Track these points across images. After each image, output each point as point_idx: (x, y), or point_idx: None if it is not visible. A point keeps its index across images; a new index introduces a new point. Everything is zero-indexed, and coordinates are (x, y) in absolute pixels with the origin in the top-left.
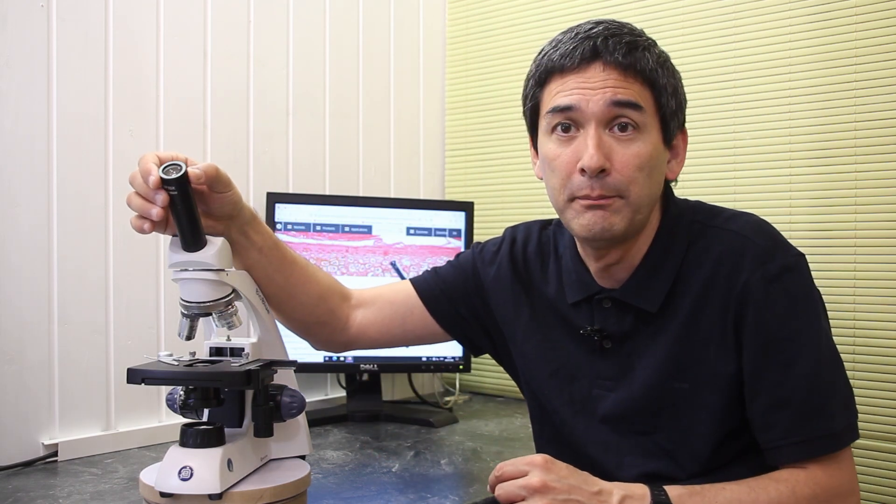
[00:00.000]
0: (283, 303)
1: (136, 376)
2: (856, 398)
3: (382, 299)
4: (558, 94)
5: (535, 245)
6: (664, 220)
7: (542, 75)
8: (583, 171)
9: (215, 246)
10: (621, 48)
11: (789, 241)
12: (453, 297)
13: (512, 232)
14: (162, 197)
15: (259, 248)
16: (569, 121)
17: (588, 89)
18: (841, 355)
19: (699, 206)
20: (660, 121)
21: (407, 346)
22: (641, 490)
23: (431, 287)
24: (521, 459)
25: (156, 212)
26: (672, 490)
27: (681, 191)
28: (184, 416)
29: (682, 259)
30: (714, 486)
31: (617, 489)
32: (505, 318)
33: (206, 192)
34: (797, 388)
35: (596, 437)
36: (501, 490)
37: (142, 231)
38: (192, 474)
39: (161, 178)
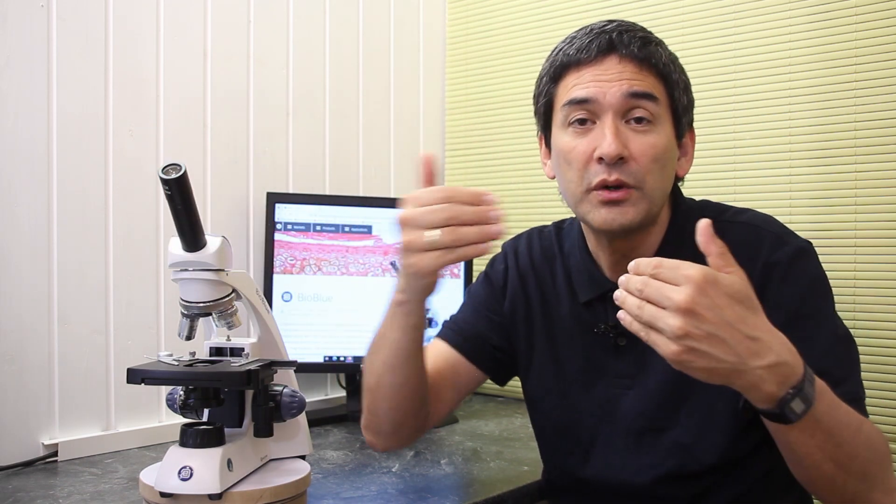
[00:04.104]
0: (405, 390)
1: (136, 376)
2: None
3: (434, 376)
4: (575, 86)
5: (539, 250)
6: (674, 216)
7: (558, 70)
8: (600, 159)
9: (215, 246)
10: (636, 42)
11: None
12: (484, 334)
13: (513, 244)
14: (497, 213)
15: (417, 327)
16: (585, 112)
17: (605, 81)
18: None
19: (707, 203)
20: (672, 115)
21: (462, 400)
22: (795, 360)
23: (464, 335)
24: (684, 266)
25: (497, 229)
26: (817, 379)
27: (681, 190)
28: (184, 416)
29: (694, 253)
30: (835, 397)
31: (776, 346)
32: (523, 339)
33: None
34: (819, 360)
35: (616, 444)
36: (647, 287)
37: (486, 252)
38: (191, 474)
39: (160, 178)
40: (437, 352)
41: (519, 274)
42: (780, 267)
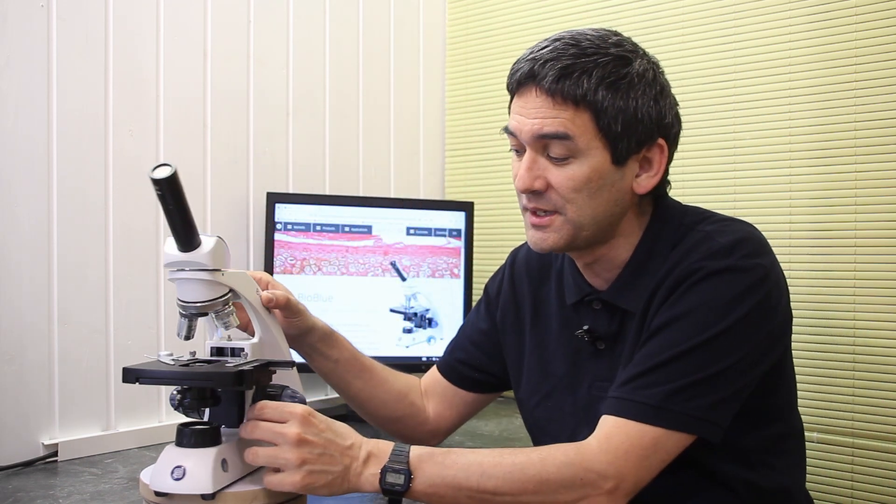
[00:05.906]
0: (364, 403)
1: (131, 375)
2: (856, 398)
3: (436, 386)
4: (511, 113)
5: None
6: (652, 223)
7: (509, 89)
8: None
9: (209, 245)
10: (553, 74)
11: (789, 243)
12: (472, 361)
13: (516, 250)
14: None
15: (335, 361)
16: (515, 142)
17: (523, 116)
18: (835, 361)
19: (690, 209)
20: (605, 142)
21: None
22: (386, 447)
23: (451, 363)
24: (284, 405)
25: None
26: (414, 450)
27: (680, 191)
28: (186, 416)
29: (664, 260)
30: (462, 449)
31: (366, 445)
32: (513, 346)
33: (277, 314)
34: (654, 360)
35: None
36: (257, 429)
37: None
38: (184, 474)
39: (151, 179)
40: (434, 376)
41: (513, 277)
42: (697, 275)
